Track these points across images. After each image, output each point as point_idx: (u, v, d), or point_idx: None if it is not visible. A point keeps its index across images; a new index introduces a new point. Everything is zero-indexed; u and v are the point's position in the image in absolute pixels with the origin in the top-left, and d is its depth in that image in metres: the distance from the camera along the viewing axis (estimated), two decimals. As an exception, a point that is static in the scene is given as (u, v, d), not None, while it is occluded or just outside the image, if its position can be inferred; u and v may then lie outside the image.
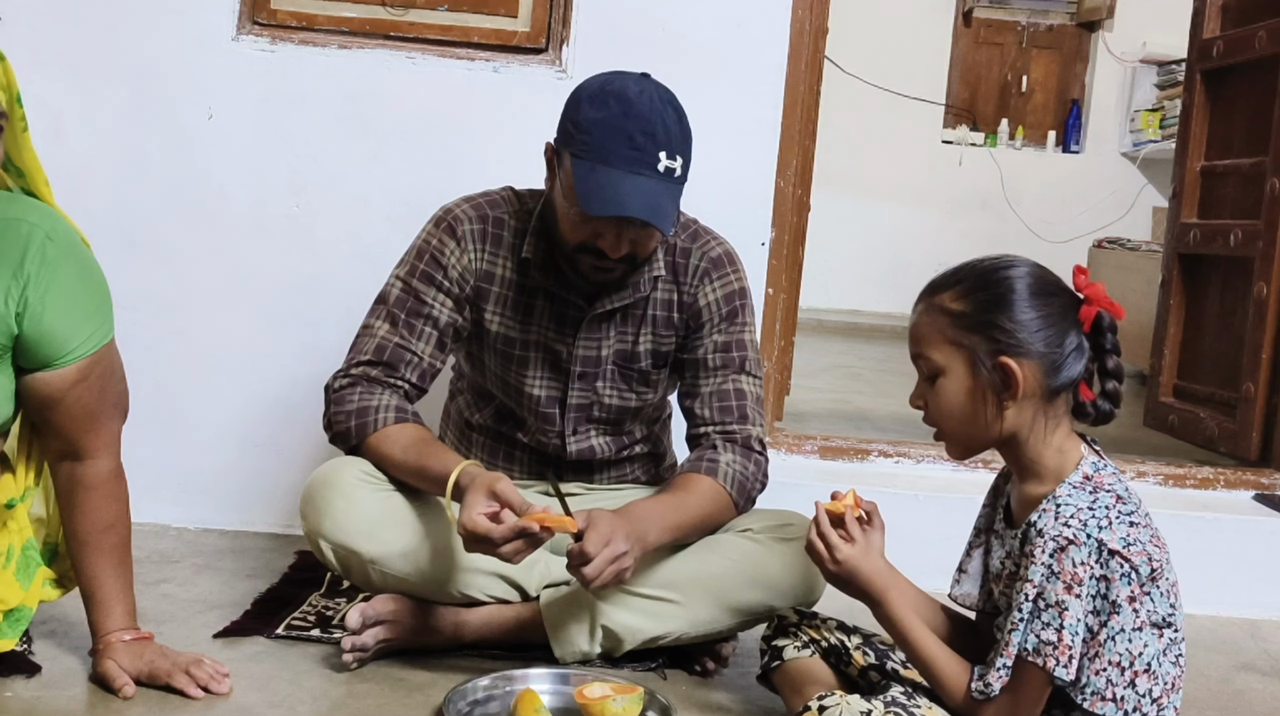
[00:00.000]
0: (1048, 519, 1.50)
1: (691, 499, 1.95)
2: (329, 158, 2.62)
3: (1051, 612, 1.46)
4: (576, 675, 1.85)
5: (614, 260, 1.90)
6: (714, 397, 2.04)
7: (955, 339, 1.55)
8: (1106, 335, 1.56)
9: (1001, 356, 1.52)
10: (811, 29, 2.74)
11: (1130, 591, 1.47)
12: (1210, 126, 3.35)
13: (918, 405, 1.62)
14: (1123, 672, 1.48)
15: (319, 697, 1.81)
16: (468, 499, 1.76)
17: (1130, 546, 1.47)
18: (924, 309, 1.60)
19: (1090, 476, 1.53)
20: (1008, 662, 1.50)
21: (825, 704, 1.58)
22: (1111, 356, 1.56)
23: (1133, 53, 7.32)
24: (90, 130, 2.58)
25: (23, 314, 1.66)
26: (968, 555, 1.74)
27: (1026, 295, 1.53)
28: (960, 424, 1.58)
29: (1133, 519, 1.50)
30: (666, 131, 1.83)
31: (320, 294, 2.64)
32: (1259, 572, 2.65)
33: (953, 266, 1.62)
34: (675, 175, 1.85)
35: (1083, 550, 1.46)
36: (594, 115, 1.84)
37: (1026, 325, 1.52)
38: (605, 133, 1.82)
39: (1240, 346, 3.05)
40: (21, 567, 1.79)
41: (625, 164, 1.81)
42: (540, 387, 2.07)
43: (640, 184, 1.82)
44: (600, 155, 1.82)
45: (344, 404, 1.97)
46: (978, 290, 1.56)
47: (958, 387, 1.56)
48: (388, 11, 2.64)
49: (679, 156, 1.85)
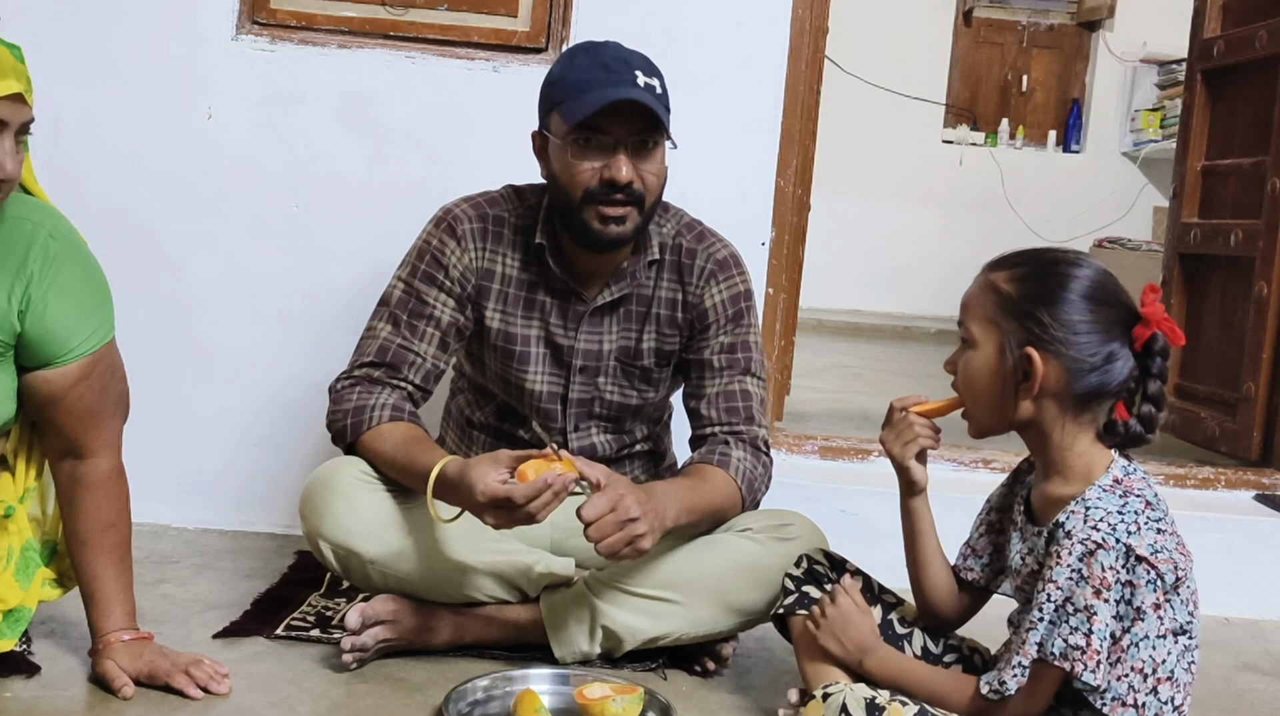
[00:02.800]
0: (1076, 521, 1.49)
1: (707, 487, 1.95)
2: (329, 158, 2.62)
3: (1080, 617, 1.46)
4: (576, 675, 1.85)
5: (622, 201, 1.90)
6: (720, 398, 2.04)
7: (995, 318, 1.56)
8: (1156, 359, 1.52)
9: (1028, 347, 1.52)
10: (811, 29, 2.74)
11: (1155, 598, 1.47)
12: (1211, 126, 3.34)
13: (949, 370, 1.64)
14: (1145, 679, 1.48)
15: (319, 698, 1.81)
16: (477, 471, 1.74)
17: (1157, 553, 1.47)
18: (981, 281, 1.60)
19: (1120, 480, 1.52)
20: (1024, 662, 1.50)
21: (829, 691, 1.58)
22: (1155, 381, 1.53)
23: (1133, 52, 7.32)
24: (90, 130, 2.58)
25: (25, 312, 1.67)
26: (976, 532, 1.76)
27: (1078, 297, 1.52)
28: (978, 399, 1.60)
29: (1160, 526, 1.50)
30: (638, 57, 1.92)
31: (320, 294, 2.64)
32: (1259, 572, 2.65)
33: (1026, 248, 1.62)
34: (656, 91, 1.90)
35: (1111, 554, 1.46)
36: (562, 66, 1.94)
37: (1067, 325, 1.51)
38: (579, 71, 1.90)
39: (1241, 346, 3.04)
40: (21, 568, 1.79)
41: (606, 85, 1.87)
42: (542, 383, 2.07)
43: (624, 90, 1.86)
44: (580, 86, 1.88)
45: (342, 402, 1.98)
46: (1032, 278, 1.55)
47: (983, 365, 1.57)
48: (388, 11, 2.64)
49: (656, 78, 1.91)
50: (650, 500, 1.80)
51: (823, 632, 1.70)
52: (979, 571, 1.74)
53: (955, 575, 1.76)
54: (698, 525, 1.95)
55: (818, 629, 1.71)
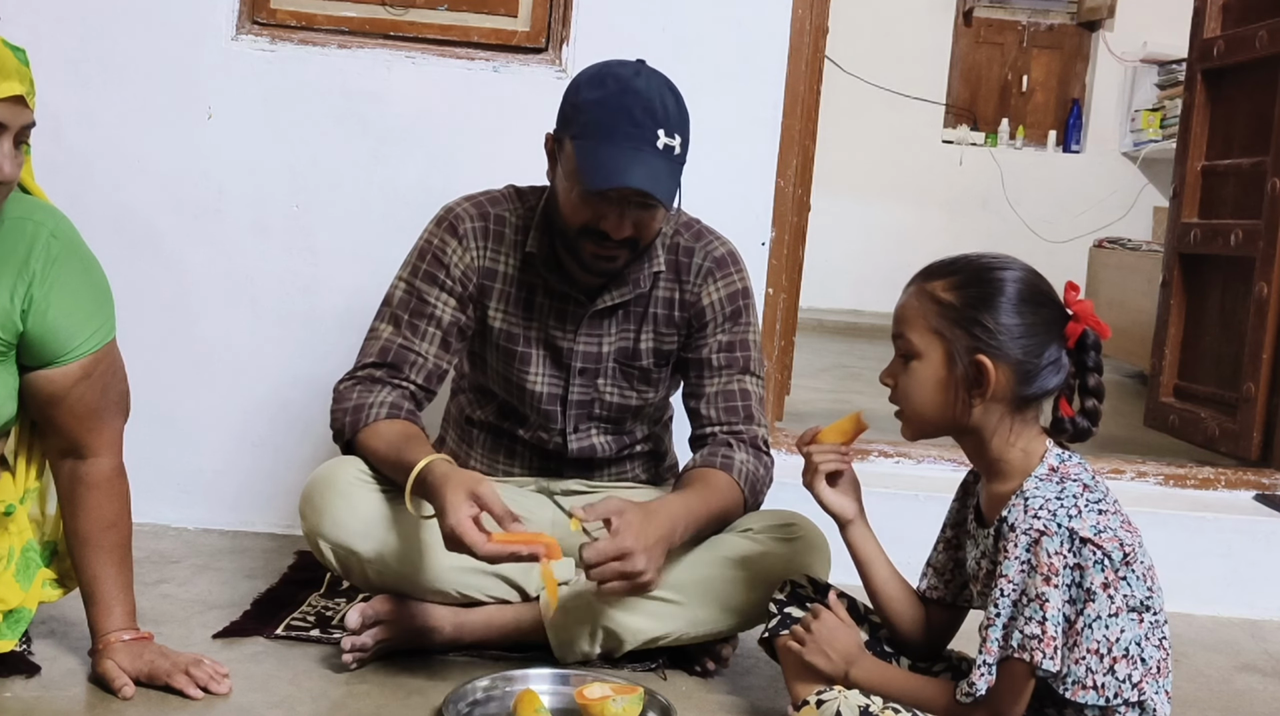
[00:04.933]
0: (1017, 513, 1.52)
1: (712, 494, 1.95)
2: (329, 158, 2.62)
3: (1034, 606, 1.47)
4: (576, 675, 1.85)
5: (616, 244, 1.90)
6: (719, 398, 2.05)
7: (938, 328, 1.57)
8: (1090, 353, 1.57)
9: (978, 354, 1.54)
10: (811, 29, 2.74)
11: (1104, 578, 1.48)
12: (1211, 126, 3.34)
13: (887, 382, 1.65)
14: (1101, 659, 1.49)
15: (318, 698, 1.81)
16: (450, 499, 1.73)
17: (1101, 533, 1.49)
18: (914, 292, 1.61)
19: (1056, 467, 1.55)
20: (989, 661, 1.51)
21: (823, 698, 1.58)
22: (1093, 374, 1.57)
23: (1133, 52, 7.32)
24: (90, 130, 2.58)
25: (28, 311, 1.67)
26: (935, 551, 1.77)
27: (1015, 300, 1.55)
28: (923, 408, 1.61)
29: (1101, 506, 1.52)
30: (665, 110, 1.86)
31: (320, 293, 2.64)
32: (1259, 572, 2.65)
33: (950, 256, 1.63)
34: (675, 153, 1.87)
35: (1055, 540, 1.47)
36: (593, 96, 1.87)
37: (1009, 329, 1.54)
38: (605, 111, 1.85)
39: (1241, 346, 3.04)
40: (21, 569, 1.79)
41: (626, 140, 1.83)
42: (542, 384, 2.07)
43: (641, 158, 1.83)
44: (601, 133, 1.84)
45: (343, 401, 1.98)
46: (969, 285, 1.57)
47: (930, 374, 1.58)
48: (388, 11, 2.64)
49: (678, 135, 1.87)
50: (653, 528, 1.80)
51: (808, 648, 1.70)
52: (942, 588, 1.76)
53: (921, 595, 1.77)
54: (703, 532, 1.95)
55: (803, 646, 1.70)
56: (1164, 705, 1.54)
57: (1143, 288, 4.57)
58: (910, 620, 1.76)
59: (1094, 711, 1.52)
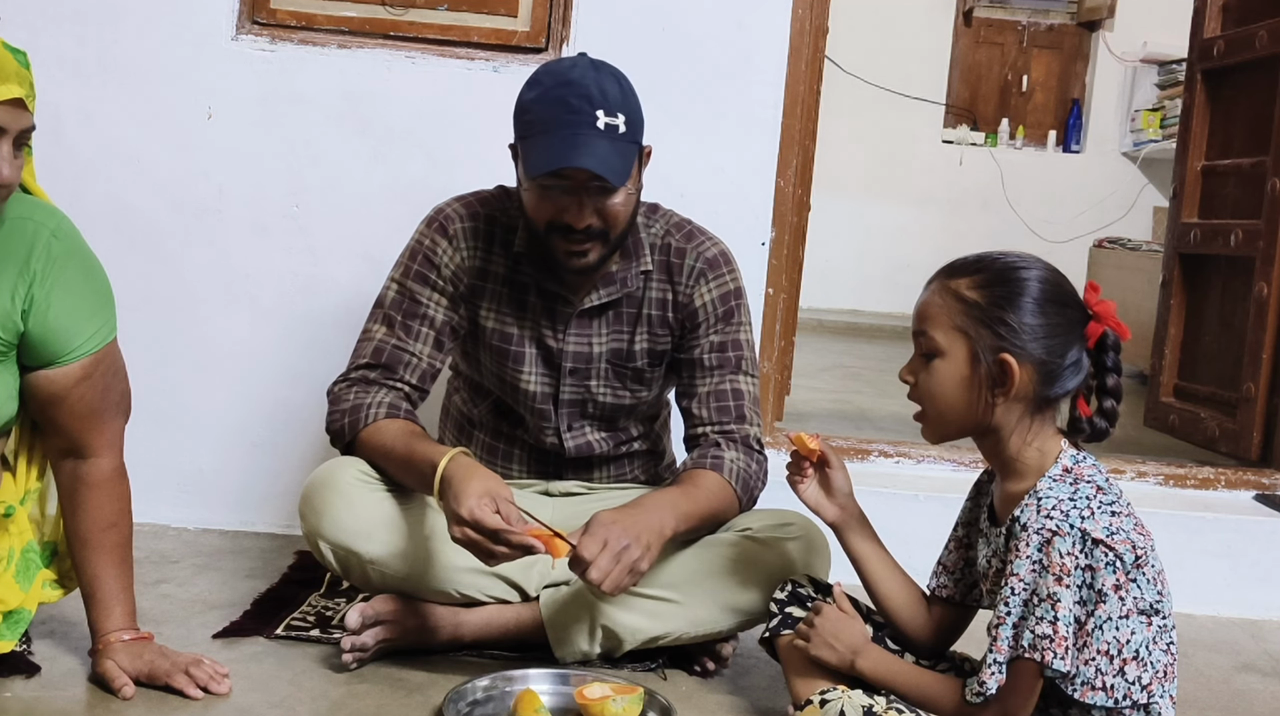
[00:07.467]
0: (1030, 512, 1.51)
1: (701, 492, 1.95)
2: (329, 158, 2.62)
3: (1045, 606, 1.47)
4: (576, 675, 1.85)
5: (585, 236, 1.90)
6: (711, 398, 2.04)
7: (962, 326, 1.56)
8: (1109, 354, 1.57)
9: (1003, 353, 1.54)
10: (811, 29, 2.74)
11: (1115, 579, 1.48)
12: (1211, 126, 3.34)
13: (907, 380, 1.64)
14: (1111, 661, 1.49)
15: (319, 698, 1.81)
16: (468, 487, 1.73)
17: (1114, 535, 1.49)
18: (937, 289, 1.60)
19: (1070, 468, 1.55)
20: (999, 659, 1.51)
21: (827, 697, 1.58)
22: (1112, 375, 1.57)
23: (1133, 52, 7.32)
24: (90, 130, 2.58)
25: (29, 311, 1.67)
26: (946, 550, 1.77)
27: (1040, 300, 1.54)
28: (946, 407, 1.60)
29: (1114, 508, 1.52)
30: (603, 92, 1.86)
31: (320, 293, 2.64)
32: (1259, 572, 2.65)
33: (973, 254, 1.63)
34: (620, 131, 1.86)
35: (1067, 540, 1.47)
36: (531, 95, 1.90)
37: (1033, 329, 1.53)
38: (543, 106, 1.87)
39: (1241, 346, 3.04)
40: (21, 570, 1.79)
41: (564, 127, 1.84)
42: (534, 383, 2.07)
43: (581, 140, 1.83)
44: (541, 127, 1.86)
45: (339, 403, 1.98)
46: (994, 284, 1.56)
47: (953, 373, 1.58)
48: (388, 11, 2.64)
49: (620, 114, 1.86)
50: (641, 516, 1.80)
51: (814, 641, 1.70)
52: (952, 586, 1.75)
53: (931, 593, 1.77)
54: (696, 531, 1.95)
55: (808, 641, 1.70)
56: (1169, 709, 1.54)
57: (1143, 288, 4.57)
58: (911, 617, 1.76)
59: (1100, 713, 1.52)
